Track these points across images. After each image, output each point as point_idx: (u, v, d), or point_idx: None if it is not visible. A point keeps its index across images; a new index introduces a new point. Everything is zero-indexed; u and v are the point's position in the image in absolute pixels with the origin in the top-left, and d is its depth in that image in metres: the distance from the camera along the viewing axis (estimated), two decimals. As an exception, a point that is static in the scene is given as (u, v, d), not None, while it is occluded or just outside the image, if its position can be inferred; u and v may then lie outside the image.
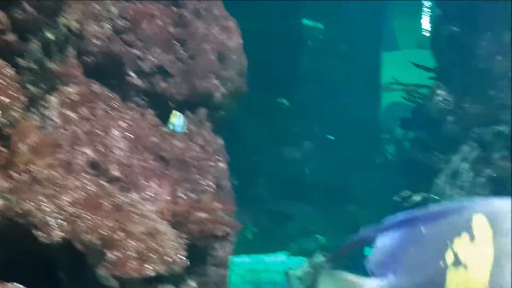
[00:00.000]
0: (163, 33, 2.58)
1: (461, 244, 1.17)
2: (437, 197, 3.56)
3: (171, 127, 2.44)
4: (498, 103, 3.42)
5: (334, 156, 5.50)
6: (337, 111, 5.53)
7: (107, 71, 2.40)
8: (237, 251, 5.40)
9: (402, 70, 4.73)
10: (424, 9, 6.94)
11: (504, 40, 3.38)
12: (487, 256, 1.14)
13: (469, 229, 1.17)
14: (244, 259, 5.39)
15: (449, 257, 1.17)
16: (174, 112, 2.44)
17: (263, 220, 5.45)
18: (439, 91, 3.68)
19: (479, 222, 1.17)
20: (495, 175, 3.42)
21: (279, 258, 5.31)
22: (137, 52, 2.50)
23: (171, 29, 2.61)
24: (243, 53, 2.84)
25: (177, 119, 2.46)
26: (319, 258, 4.17)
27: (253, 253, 5.49)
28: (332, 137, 5.61)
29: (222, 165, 2.77)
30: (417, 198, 3.80)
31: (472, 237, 1.16)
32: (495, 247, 1.14)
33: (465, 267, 1.15)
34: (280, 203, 5.48)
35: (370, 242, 1.32)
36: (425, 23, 6.88)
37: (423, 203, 3.66)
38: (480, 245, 1.16)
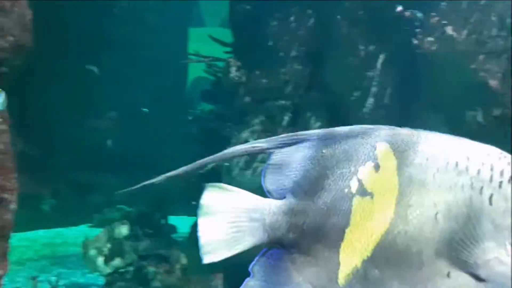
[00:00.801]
0: None
1: (366, 173, 1.14)
2: (228, 164, 3.77)
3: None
4: (283, 79, 3.69)
5: (140, 127, 5.52)
6: (144, 82, 5.54)
7: None
8: (33, 226, 5.15)
9: (206, 46, 4.90)
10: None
11: (290, 21, 3.66)
12: (392, 186, 1.12)
13: (373, 158, 1.14)
14: (41, 233, 5.17)
15: (354, 185, 1.14)
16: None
17: (64, 192, 5.27)
18: (233, 65, 3.87)
19: (384, 151, 1.14)
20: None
21: (80, 231, 5.19)
22: None
23: None
24: (27, 5, 2.71)
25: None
26: (119, 227, 4.17)
27: (52, 227, 5.29)
28: (146, 110, 5.62)
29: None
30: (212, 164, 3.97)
31: (377, 167, 1.14)
32: (400, 177, 1.12)
33: (371, 196, 1.13)
34: (83, 174, 5.34)
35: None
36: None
37: (217, 169, 3.83)
38: (385, 175, 1.13)
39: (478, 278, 1.06)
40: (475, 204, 1.07)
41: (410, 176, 1.11)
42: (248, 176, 3.68)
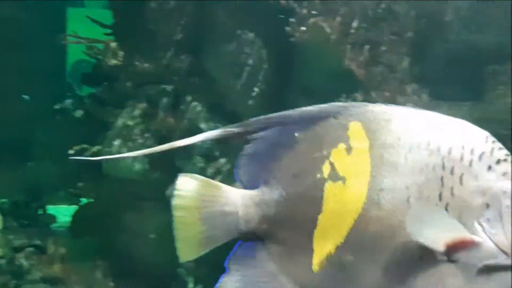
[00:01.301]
0: None
1: (338, 156, 1.10)
2: (109, 149, 3.72)
3: None
4: (164, 63, 3.69)
5: (14, 111, 5.26)
6: (19, 65, 5.28)
7: None
8: None
9: (86, 27, 4.75)
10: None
11: (170, 6, 3.65)
12: (364, 169, 1.08)
13: (346, 139, 1.10)
14: None
15: (326, 170, 1.10)
16: None
17: None
18: (112, 48, 3.81)
19: (356, 131, 1.10)
20: (160, 129, 3.70)
21: None
22: None
23: None
24: None
25: None
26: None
27: None
28: (27, 97, 5.35)
29: None
30: (93, 149, 3.90)
31: (349, 149, 1.10)
32: (372, 160, 1.09)
33: (343, 180, 1.09)
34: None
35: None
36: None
37: (98, 154, 3.77)
38: (357, 158, 1.09)
39: (450, 259, 1.04)
40: (446, 185, 1.05)
41: (382, 158, 1.08)
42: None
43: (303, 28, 3.02)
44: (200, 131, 3.33)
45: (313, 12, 2.97)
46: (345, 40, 2.94)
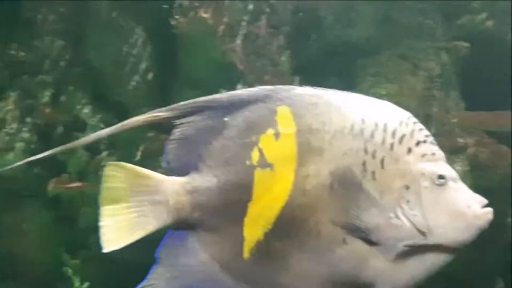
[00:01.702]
0: None
1: (267, 142, 1.09)
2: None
3: None
4: (41, 53, 3.56)
5: None
6: None
7: None
8: None
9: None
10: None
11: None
12: (291, 156, 1.08)
13: (274, 125, 1.10)
14: None
15: (256, 156, 1.09)
16: None
17: None
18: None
19: (284, 116, 1.09)
20: (39, 122, 3.57)
21: None
22: None
23: None
24: None
25: None
26: None
27: None
28: None
29: None
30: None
31: (277, 134, 1.09)
32: (298, 146, 1.09)
33: (271, 167, 1.09)
34: None
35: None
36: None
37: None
38: (284, 144, 1.09)
39: (371, 242, 1.08)
40: (368, 169, 1.08)
41: (309, 144, 1.09)
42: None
43: (185, 20, 3.06)
44: (83, 122, 3.27)
45: (196, 3, 3.02)
46: (227, 32, 3.03)
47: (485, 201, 1.09)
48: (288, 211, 1.08)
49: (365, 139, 1.09)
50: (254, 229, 1.10)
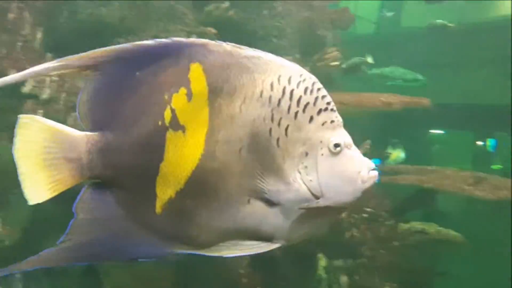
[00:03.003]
0: None
1: (179, 103, 1.05)
2: None
3: None
4: None
5: None
6: None
7: None
8: None
9: None
10: None
11: None
12: (203, 119, 1.06)
13: (186, 83, 1.05)
14: None
15: (168, 116, 1.06)
16: None
17: None
18: None
19: (196, 76, 1.04)
20: None
21: None
22: None
23: None
24: None
25: None
26: None
27: None
28: None
29: None
30: None
31: (189, 94, 1.05)
32: (210, 109, 1.06)
33: (183, 130, 1.06)
34: None
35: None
36: None
37: None
38: (196, 106, 1.05)
39: (272, 204, 1.13)
40: (273, 136, 1.11)
41: (220, 108, 1.08)
42: None
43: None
44: None
45: None
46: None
47: (373, 165, 1.17)
48: (199, 174, 1.11)
49: (272, 106, 1.12)
50: (165, 188, 1.12)
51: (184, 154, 1.10)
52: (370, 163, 1.17)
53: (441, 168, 3.78)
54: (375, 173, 1.16)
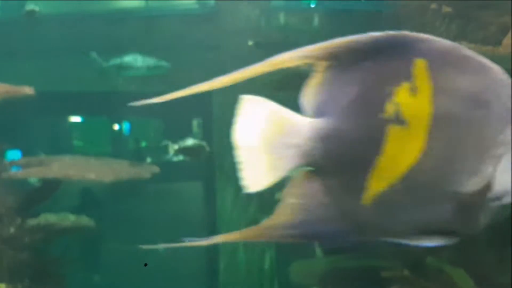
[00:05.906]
0: None
1: (402, 97, 1.07)
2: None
3: None
4: None
5: None
6: None
7: None
8: None
9: None
10: None
11: None
12: (425, 115, 1.06)
13: (409, 77, 1.06)
14: None
15: (390, 110, 1.07)
16: None
17: None
18: None
19: (421, 71, 1.05)
20: None
21: None
22: None
23: None
24: None
25: None
26: None
27: None
28: None
29: None
30: None
31: (413, 90, 1.07)
32: (434, 106, 1.06)
33: (406, 125, 1.07)
34: None
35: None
36: None
37: None
38: (420, 102, 1.06)
39: (468, 202, 1.13)
40: (484, 137, 1.11)
41: (442, 107, 1.07)
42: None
43: None
44: None
45: None
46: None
47: None
48: (415, 171, 1.10)
49: (487, 109, 1.11)
50: (378, 181, 1.11)
51: (404, 150, 1.10)
52: None
53: (62, 157, 3.83)
54: None
